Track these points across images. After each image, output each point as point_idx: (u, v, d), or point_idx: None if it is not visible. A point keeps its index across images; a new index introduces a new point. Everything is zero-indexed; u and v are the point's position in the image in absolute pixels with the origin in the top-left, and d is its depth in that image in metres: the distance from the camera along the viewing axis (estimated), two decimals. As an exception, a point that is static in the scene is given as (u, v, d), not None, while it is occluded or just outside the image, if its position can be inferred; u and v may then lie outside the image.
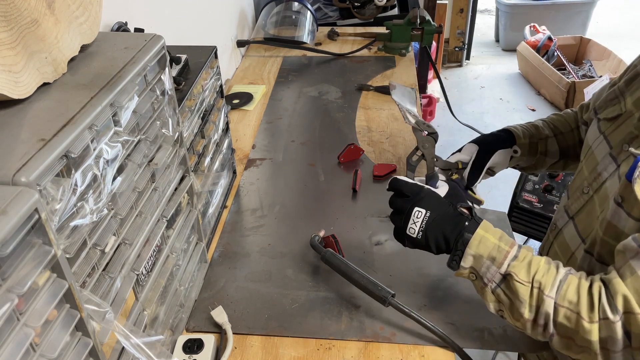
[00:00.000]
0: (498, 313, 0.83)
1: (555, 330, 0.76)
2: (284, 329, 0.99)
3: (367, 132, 1.62)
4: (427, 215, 0.85)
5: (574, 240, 0.90)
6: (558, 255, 0.95)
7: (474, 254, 0.82)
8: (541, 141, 1.11)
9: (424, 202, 0.87)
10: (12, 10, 0.61)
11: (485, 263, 0.81)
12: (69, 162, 0.59)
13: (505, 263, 0.79)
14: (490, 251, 0.80)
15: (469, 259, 0.82)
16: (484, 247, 0.81)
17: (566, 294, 0.75)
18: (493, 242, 0.81)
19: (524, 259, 0.79)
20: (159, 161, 0.83)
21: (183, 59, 1.10)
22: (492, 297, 0.82)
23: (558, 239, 0.96)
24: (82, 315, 0.60)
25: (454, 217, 0.85)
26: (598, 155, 0.88)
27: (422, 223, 0.86)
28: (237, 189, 1.39)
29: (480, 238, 0.82)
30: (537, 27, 4.10)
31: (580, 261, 0.88)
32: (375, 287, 0.97)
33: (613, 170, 0.82)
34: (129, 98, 0.71)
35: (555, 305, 0.75)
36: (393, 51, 2.15)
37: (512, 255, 0.79)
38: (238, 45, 2.14)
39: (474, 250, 0.81)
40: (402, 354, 0.94)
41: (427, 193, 0.88)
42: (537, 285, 0.76)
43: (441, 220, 0.85)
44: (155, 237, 0.84)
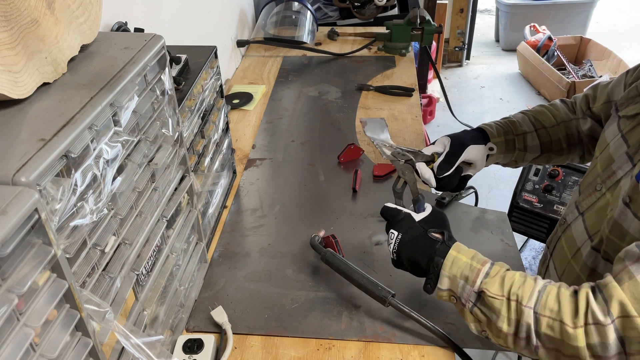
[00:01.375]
0: (482, 334, 0.82)
1: (539, 342, 0.74)
2: (284, 329, 0.99)
3: (367, 132, 1.62)
4: (398, 237, 0.89)
5: (581, 236, 0.89)
6: (564, 249, 0.94)
7: (449, 275, 0.82)
8: (518, 137, 1.10)
9: (398, 225, 0.91)
10: (12, 10, 0.61)
11: (460, 283, 0.81)
12: (69, 162, 0.59)
13: (478, 280, 0.79)
14: (463, 270, 0.81)
15: (445, 281, 0.83)
16: (457, 268, 0.81)
17: (546, 302, 0.73)
18: (465, 262, 0.81)
19: (496, 275, 0.78)
20: (159, 161, 0.83)
21: (183, 59, 1.10)
22: (470, 317, 0.81)
23: (566, 233, 0.95)
24: (82, 315, 0.60)
25: (423, 240, 0.87)
26: (614, 153, 0.86)
27: (394, 244, 0.90)
28: (237, 189, 1.39)
29: (453, 259, 0.82)
30: (537, 27, 4.10)
31: (585, 257, 0.87)
32: (375, 287, 0.97)
33: (628, 170, 0.81)
34: (129, 98, 0.71)
35: (536, 316, 0.73)
36: (393, 51, 2.15)
37: (484, 272, 0.79)
38: (238, 45, 2.14)
39: (448, 271, 0.82)
40: (402, 354, 0.94)
41: (403, 217, 0.92)
42: (515, 298, 0.75)
43: (411, 243, 0.88)
44: (155, 237, 0.84)
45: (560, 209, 1.80)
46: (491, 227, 1.23)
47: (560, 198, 1.81)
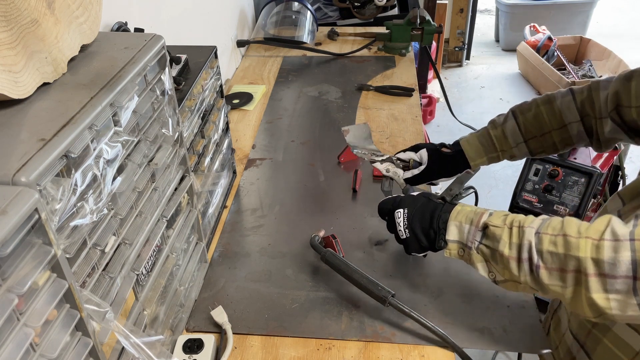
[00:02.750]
0: (489, 276, 0.81)
1: (541, 262, 0.72)
2: (284, 329, 0.99)
3: (367, 132, 1.62)
4: (405, 212, 0.91)
5: None
6: None
7: (455, 223, 0.84)
8: (504, 152, 1.09)
9: (402, 203, 0.93)
10: (12, 10, 0.61)
11: (465, 228, 0.83)
12: (69, 162, 0.59)
13: (482, 219, 0.81)
14: (468, 215, 0.84)
15: (453, 230, 0.85)
16: (463, 214, 0.84)
17: (550, 223, 0.73)
18: (470, 209, 0.85)
19: (499, 213, 0.81)
20: (159, 161, 0.83)
21: (183, 59, 1.10)
22: (478, 257, 0.81)
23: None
24: (82, 315, 0.60)
25: (430, 204, 0.90)
26: None
27: (404, 220, 0.91)
28: (237, 189, 1.39)
29: (459, 210, 0.86)
30: (537, 27, 4.10)
31: None
32: (375, 287, 0.97)
33: None
34: (129, 98, 0.71)
35: (539, 235, 0.73)
36: (393, 51, 2.15)
37: (489, 213, 0.82)
38: (238, 45, 2.14)
39: (454, 220, 0.85)
40: (402, 354, 0.94)
41: (403, 197, 0.95)
42: (517, 224, 0.76)
43: (419, 211, 0.90)
44: (155, 237, 0.84)
45: (560, 209, 1.80)
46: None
47: (560, 198, 1.81)
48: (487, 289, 1.06)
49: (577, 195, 1.78)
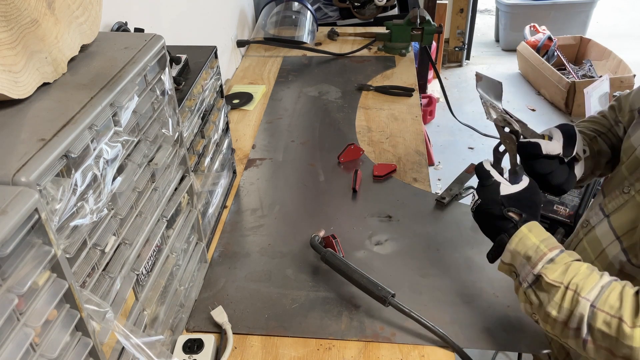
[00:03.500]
0: (532, 317, 0.81)
1: (590, 337, 0.72)
2: (284, 329, 0.99)
3: (367, 132, 1.62)
4: (477, 201, 0.89)
5: (607, 236, 0.89)
6: (587, 251, 0.94)
7: (512, 250, 0.82)
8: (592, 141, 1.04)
9: (483, 190, 0.89)
10: (12, 10, 0.61)
11: (521, 261, 0.80)
12: (69, 162, 0.59)
13: (540, 264, 0.78)
14: (528, 250, 0.80)
15: (507, 255, 0.82)
16: (522, 245, 0.81)
17: (608, 298, 0.71)
18: (533, 242, 0.80)
19: (561, 262, 0.77)
20: (159, 161, 0.83)
21: (183, 59, 1.10)
22: (523, 297, 0.81)
23: (589, 235, 0.95)
24: (82, 315, 0.60)
25: (497, 219, 0.86)
26: None
27: (473, 205, 0.90)
28: (237, 189, 1.39)
29: (522, 236, 0.81)
30: (537, 27, 4.10)
31: (611, 258, 0.87)
32: (375, 287, 0.97)
33: None
34: (129, 98, 0.71)
35: (593, 310, 0.72)
36: (393, 51, 2.15)
37: (549, 258, 0.78)
38: (238, 45, 2.14)
39: (513, 246, 0.81)
40: (402, 354, 0.94)
41: (491, 184, 0.89)
42: (574, 288, 0.74)
43: (485, 215, 0.88)
44: (155, 237, 0.84)
45: (560, 209, 1.80)
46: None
47: (560, 198, 1.81)
48: (487, 289, 1.06)
49: (577, 195, 1.78)
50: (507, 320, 0.99)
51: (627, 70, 3.55)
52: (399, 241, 1.19)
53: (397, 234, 1.21)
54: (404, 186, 1.37)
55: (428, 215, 1.27)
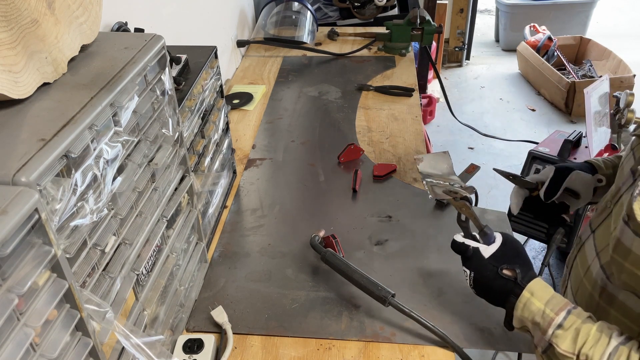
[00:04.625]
0: None
1: None
2: (284, 329, 0.99)
3: (367, 132, 1.62)
4: (471, 275, 0.88)
5: (591, 253, 0.90)
6: (578, 268, 0.95)
7: (519, 317, 0.81)
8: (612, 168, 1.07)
9: (469, 262, 0.89)
10: (12, 11, 0.61)
11: (531, 326, 0.80)
12: (69, 162, 0.59)
13: (550, 331, 0.77)
14: (534, 317, 0.79)
15: (517, 321, 0.83)
16: (528, 312, 0.80)
17: None
18: (537, 307, 0.79)
19: (571, 328, 0.76)
20: (159, 161, 0.83)
21: (183, 59, 1.10)
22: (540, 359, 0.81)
23: (581, 251, 0.96)
24: (82, 315, 0.60)
25: (496, 281, 0.85)
26: (625, 170, 0.87)
27: (470, 281, 0.89)
28: (237, 189, 1.39)
29: (525, 302, 0.81)
30: (537, 27, 4.10)
31: (595, 275, 0.87)
32: (375, 287, 0.97)
33: (629, 186, 0.82)
34: (129, 98, 0.71)
35: None
36: (393, 51, 2.15)
37: (557, 324, 0.77)
38: (238, 45, 2.14)
39: (520, 313, 0.81)
40: (402, 354, 0.94)
41: (472, 254, 0.89)
42: (584, 358, 0.73)
43: (484, 283, 0.87)
44: (155, 237, 0.84)
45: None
46: (491, 227, 1.23)
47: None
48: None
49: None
50: (507, 320, 0.99)
51: (627, 70, 3.55)
52: (399, 241, 1.19)
53: (397, 234, 1.22)
54: (404, 186, 1.37)
55: (428, 215, 1.27)
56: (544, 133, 3.32)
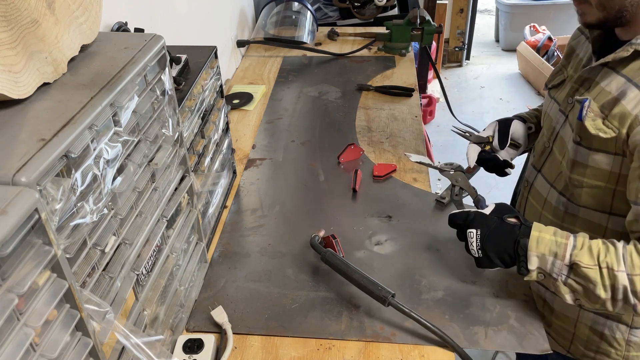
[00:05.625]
0: (575, 302, 0.89)
1: (637, 300, 0.82)
2: (284, 329, 0.99)
3: (367, 132, 1.62)
4: (478, 233, 0.93)
5: (544, 187, 1.06)
6: (533, 205, 1.11)
7: (537, 254, 0.88)
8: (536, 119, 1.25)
9: (474, 222, 0.94)
10: (12, 11, 0.61)
11: (549, 260, 0.87)
12: (69, 162, 0.59)
13: (567, 254, 0.85)
14: (551, 247, 0.87)
15: (534, 260, 0.88)
16: (543, 245, 0.87)
17: (633, 262, 0.81)
18: (550, 239, 0.88)
19: (583, 246, 0.85)
20: (159, 161, 0.83)
21: (183, 59, 1.10)
22: (565, 289, 0.88)
23: (531, 191, 1.12)
24: (82, 315, 0.60)
25: (503, 228, 0.92)
26: (552, 115, 1.06)
27: (477, 242, 0.93)
28: (237, 189, 1.39)
29: (537, 238, 0.88)
30: (537, 27, 4.10)
31: (555, 203, 1.03)
32: (375, 287, 0.97)
33: (563, 121, 1.01)
34: (129, 98, 0.71)
35: (630, 277, 0.81)
36: (393, 51, 2.15)
37: (572, 245, 0.86)
38: (238, 45, 2.14)
39: (535, 251, 0.88)
40: (402, 354, 0.94)
41: (475, 214, 0.96)
42: (605, 265, 0.83)
43: (493, 234, 0.92)
44: (155, 237, 0.84)
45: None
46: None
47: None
48: (487, 289, 1.06)
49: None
50: (507, 320, 0.99)
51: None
52: (399, 241, 1.19)
53: (397, 234, 1.22)
54: (404, 186, 1.37)
55: (428, 215, 1.27)
56: (544, 133, 3.32)
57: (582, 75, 0.96)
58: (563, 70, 1.07)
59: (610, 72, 0.90)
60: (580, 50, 1.04)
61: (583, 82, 0.96)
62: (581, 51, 1.04)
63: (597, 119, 0.89)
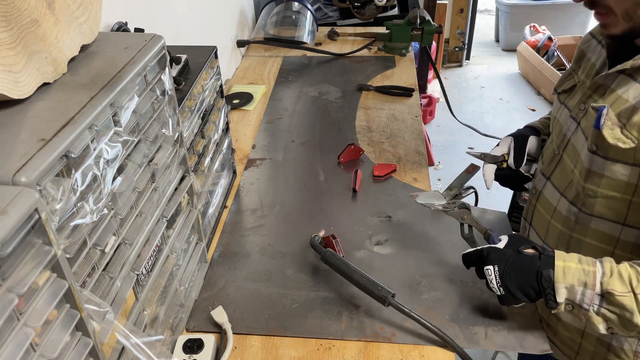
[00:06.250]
0: (608, 332, 0.83)
1: None
2: (284, 329, 0.99)
3: (367, 132, 1.62)
4: (495, 269, 0.88)
5: (554, 195, 1.02)
6: (541, 213, 1.07)
7: (565, 286, 0.82)
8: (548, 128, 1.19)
9: (489, 259, 0.89)
10: (12, 11, 0.61)
11: (578, 290, 0.81)
12: (69, 162, 0.59)
13: (597, 282, 0.80)
14: (579, 276, 0.81)
15: (562, 292, 0.83)
16: (571, 276, 0.82)
17: None
18: (576, 268, 0.82)
19: (612, 272, 0.80)
20: (159, 161, 0.83)
21: (183, 59, 1.10)
22: (598, 319, 0.82)
23: (540, 199, 1.08)
24: (82, 315, 0.60)
25: (523, 260, 0.87)
26: (562, 121, 1.02)
27: (496, 278, 0.88)
28: (237, 189, 1.39)
29: (563, 268, 0.83)
30: (537, 27, 4.10)
31: (565, 212, 0.99)
32: (375, 287, 0.97)
33: (575, 128, 0.97)
34: (129, 98, 0.71)
35: None
36: (393, 51, 2.15)
37: (601, 273, 0.81)
38: (238, 45, 2.14)
39: (563, 282, 0.82)
40: (402, 354, 0.94)
41: (489, 250, 0.91)
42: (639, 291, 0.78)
43: (512, 268, 0.87)
44: (155, 237, 0.84)
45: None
46: (491, 227, 1.23)
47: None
48: (487, 289, 1.05)
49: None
50: (507, 320, 0.99)
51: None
52: (399, 241, 1.19)
53: (397, 234, 1.22)
54: (404, 186, 1.37)
55: (428, 215, 1.27)
56: (544, 133, 3.32)
57: (596, 81, 0.92)
58: (573, 75, 1.03)
59: (628, 79, 0.86)
60: (592, 54, 1.00)
61: (597, 89, 0.92)
62: (593, 55, 0.99)
63: (615, 127, 0.85)
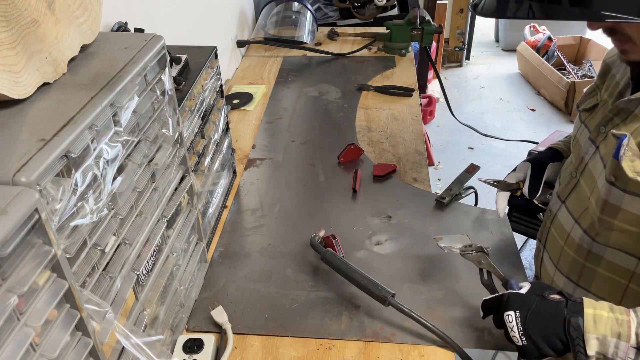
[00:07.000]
0: None
1: None
2: (284, 329, 0.99)
3: (367, 132, 1.62)
4: (517, 315, 0.79)
5: (568, 221, 0.97)
6: (555, 237, 1.01)
7: (597, 337, 0.73)
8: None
9: (509, 304, 0.81)
10: (12, 10, 0.61)
11: (611, 342, 0.73)
12: (69, 162, 0.59)
13: (632, 333, 0.72)
14: (612, 327, 0.73)
15: (593, 344, 0.73)
16: (603, 325, 0.73)
17: None
18: (608, 316, 0.74)
19: None
20: (159, 161, 0.83)
21: (183, 59, 1.10)
22: None
23: (554, 223, 1.02)
24: (82, 315, 0.60)
25: (547, 306, 0.78)
26: (581, 141, 0.96)
27: (518, 326, 0.79)
28: (237, 189, 1.39)
29: (593, 317, 0.74)
30: (537, 27, 4.10)
31: (579, 240, 0.93)
32: (375, 287, 0.97)
33: (593, 152, 0.91)
34: (129, 98, 0.71)
35: None
36: (393, 51, 2.15)
37: (636, 323, 0.73)
38: (238, 45, 2.14)
39: (594, 332, 0.73)
40: (402, 354, 0.94)
41: (510, 295, 0.83)
42: None
43: (536, 314, 0.78)
44: (155, 237, 0.84)
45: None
46: (491, 227, 1.23)
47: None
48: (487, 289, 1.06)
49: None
50: (507, 320, 0.99)
51: (627, 70, 3.54)
52: (399, 241, 1.19)
53: (397, 234, 1.22)
54: (404, 186, 1.37)
55: (428, 215, 1.27)
56: (543, 133, 3.32)
57: (618, 105, 0.86)
58: (597, 92, 0.97)
59: None
60: (617, 70, 0.94)
61: (619, 112, 0.86)
62: (618, 72, 0.93)
63: (635, 159, 0.78)
